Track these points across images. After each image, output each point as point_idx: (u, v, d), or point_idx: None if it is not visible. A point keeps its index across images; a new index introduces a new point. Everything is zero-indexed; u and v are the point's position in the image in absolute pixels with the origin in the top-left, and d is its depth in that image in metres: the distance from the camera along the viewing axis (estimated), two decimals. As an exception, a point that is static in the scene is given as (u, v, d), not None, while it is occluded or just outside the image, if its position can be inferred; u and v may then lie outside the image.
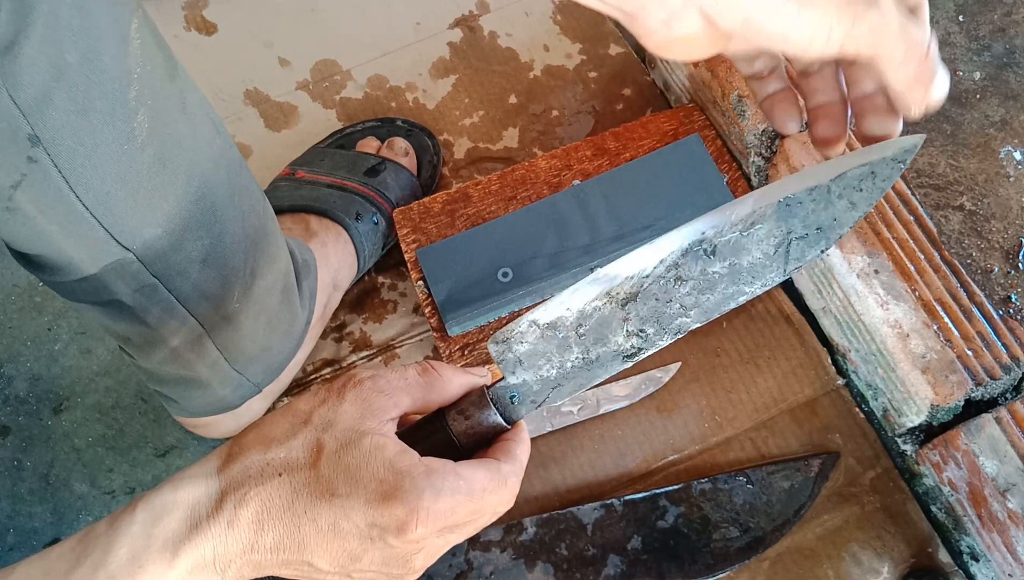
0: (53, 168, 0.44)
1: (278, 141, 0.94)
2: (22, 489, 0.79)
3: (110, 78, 0.45)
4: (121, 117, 0.46)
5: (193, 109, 0.53)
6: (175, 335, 0.60)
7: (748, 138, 0.78)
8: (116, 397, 0.83)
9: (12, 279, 0.89)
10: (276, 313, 0.68)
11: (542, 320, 0.42)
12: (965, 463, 0.66)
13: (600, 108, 0.95)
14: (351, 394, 0.41)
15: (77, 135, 0.44)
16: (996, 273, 0.80)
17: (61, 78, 0.42)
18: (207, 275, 0.57)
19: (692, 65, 0.85)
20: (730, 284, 0.42)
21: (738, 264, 0.42)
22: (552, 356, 0.42)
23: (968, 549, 0.69)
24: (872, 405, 0.76)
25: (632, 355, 0.43)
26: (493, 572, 0.68)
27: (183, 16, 1.02)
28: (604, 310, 0.41)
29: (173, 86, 0.50)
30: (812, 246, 0.43)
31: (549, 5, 1.02)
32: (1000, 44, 0.92)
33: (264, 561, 0.40)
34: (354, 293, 0.85)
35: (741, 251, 0.41)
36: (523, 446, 0.44)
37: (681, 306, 0.42)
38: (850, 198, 0.42)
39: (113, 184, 0.48)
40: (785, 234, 0.42)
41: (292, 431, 0.41)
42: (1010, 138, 0.87)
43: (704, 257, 0.41)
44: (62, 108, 0.43)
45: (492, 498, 0.41)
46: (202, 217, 0.55)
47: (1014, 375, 0.67)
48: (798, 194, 0.42)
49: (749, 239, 0.41)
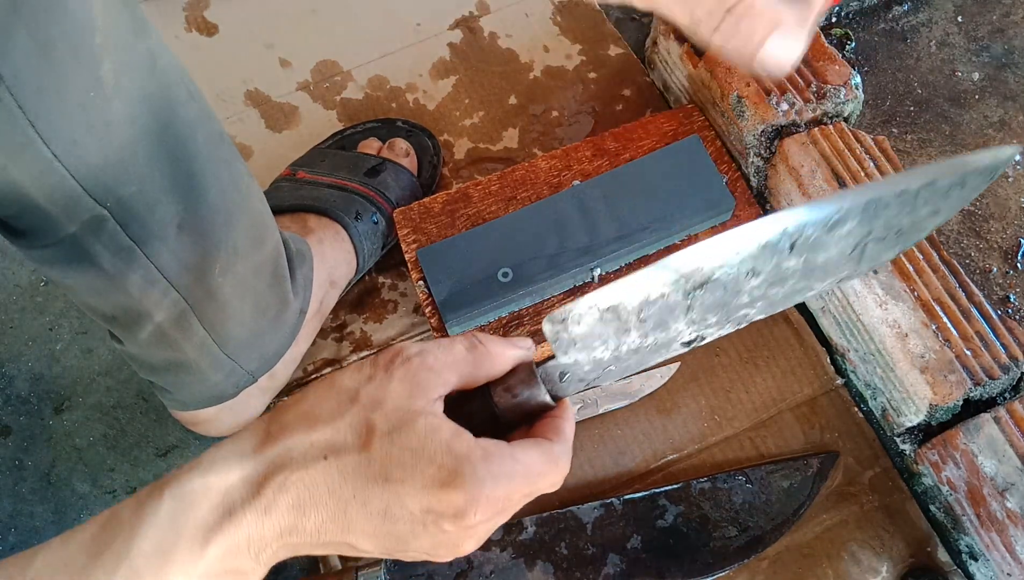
0: (17, 109, 0.43)
1: (279, 142, 0.94)
2: (23, 488, 0.79)
3: (71, 19, 0.44)
4: (86, 62, 0.45)
5: (166, 72, 0.52)
6: (158, 309, 0.60)
7: (747, 138, 0.79)
8: (117, 397, 0.84)
9: (14, 279, 0.89)
10: (264, 297, 0.68)
11: (603, 303, 0.40)
12: (964, 463, 0.66)
13: (600, 109, 0.95)
14: (400, 371, 0.39)
15: (40, 76, 0.43)
16: (995, 273, 0.80)
17: (18, 11, 0.41)
18: (184, 242, 0.57)
19: (691, 65, 0.85)
20: (801, 279, 0.41)
21: (813, 260, 0.40)
22: (608, 339, 0.41)
23: (967, 548, 0.69)
24: (871, 405, 0.76)
25: (690, 343, 0.42)
26: (493, 571, 0.69)
27: (184, 17, 1.02)
28: (669, 297, 0.39)
29: (142, 44, 0.50)
30: (888, 249, 0.42)
31: (549, 6, 1.02)
32: (999, 45, 0.92)
33: (302, 543, 0.38)
34: (355, 293, 0.85)
35: (819, 248, 0.40)
36: (570, 423, 0.43)
37: (749, 298, 0.41)
38: (935, 205, 0.41)
39: (82, 133, 0.47)
40: (865, 235, 0.41)
41: (338, 410, 0.38)
42: (1009, 138, 0.87)
43: (781, 252, 0.39)
44: (22, 45, 0.42)
45: (546, 481, 0.40)
46: (176, 180, 0.54)
47: (1012, 375, 0.67)
48: (885, 196, 0.40)
49: (830, 237, 0.40)
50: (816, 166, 0.75)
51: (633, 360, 0.43)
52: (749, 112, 0.78)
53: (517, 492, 0.39)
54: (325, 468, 0.37)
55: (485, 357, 0.42)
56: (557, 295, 0.76)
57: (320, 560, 0.73)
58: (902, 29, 0.94)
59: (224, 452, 0.38)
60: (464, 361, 0.41)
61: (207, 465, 0.37)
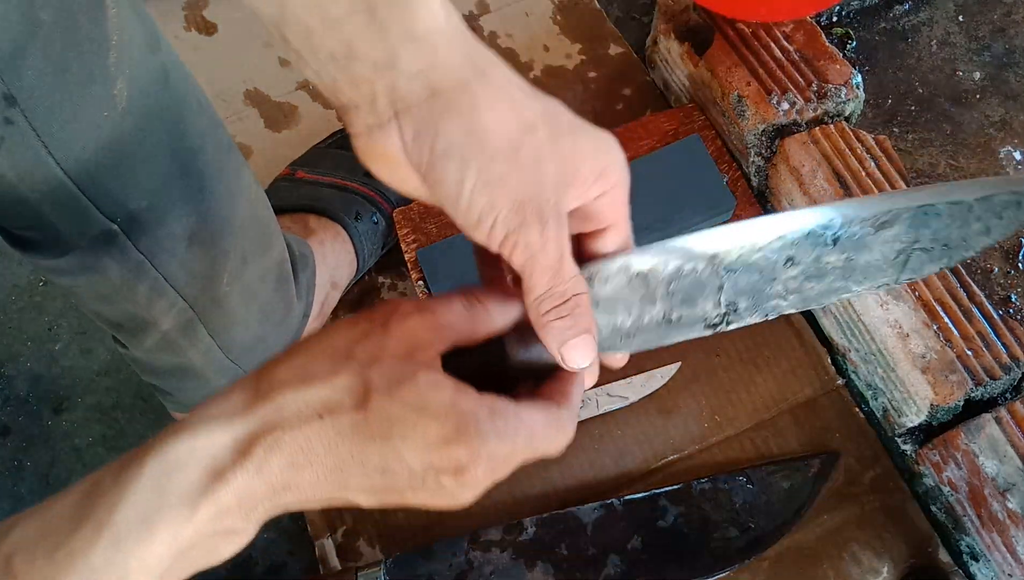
0: (30, 129, 0.43)
1: (278, 141, 0.94)
2: (22, 489, 0.79)
3: (87, 40, 0.44)
4: (100, 82, 0.45)
5: (177, 84, 0.52)
6: (165, 317, 0.60)
7: (748, 138, 0.78)
8: (116, 397, 0.83)
9: (12, 279, 0.89)
10: (270, 302, 0.68)
11: (635, 267, 0.39)
12: (965, 463, 0.66)
13: (600, 108, 0.95)
14: (397, 328, 0.37)
15: (54, 97, 0.44)
16: (996, 273, 0.80)
17: (35, 35, 0.41)
18: (194, 254, 0.57)
19: (692, 65, 0.85)
20: (839, 278, 0.40)
21: (854, 260, 0.39)
22: (633, 306, 0.40)
23: (968, 549, 0.69)
24: (872, 405, 0.76)
25: (715, 325, 0.41)
26: (493, 572, 0.68)
27: (183, 16, 1.02)
28: (702, 273, 0.38)
29: (154, 59, 0.50)
30: (933, 261, 0.40)
31: (549, 5, 1.02)
32: (1000, 44, 0.92)
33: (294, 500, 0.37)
34: (354, 293, 0.85)
35: (863, 248, 0.39)
36: (580, 387, 0.41)
37: (783, 288, 0.39)
38: (988, 222, 0.40)
39: (94, 151, 0.47)
40: (911, 242, 0.39)
41: (333, 368, 0.36)
42: (1010, 138, 0.87)
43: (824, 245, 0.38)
44: (37, 67, 0.42)
45: (549, 444, 0.39)
46: (187, 193, 0.54)
47: (1014, 375, 0.67)
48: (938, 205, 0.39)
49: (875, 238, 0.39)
50: (817, 166, 0.74)
51: (653, 334, 0.41)
52: (750, 111, 0.78)
53: (520, 452, 0.38)
54: (320, 427, 0.35)
55: (483, 316, 0.40)
56: (557, 295, 0.76)
57: (320, 560, 0.73)
58: (903, 28, 0.93)
59: (211, 411, 0.36)
60: (462, 318, 0.39)
61: (193, 428, 0.36)
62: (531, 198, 0.36)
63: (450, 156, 0.36)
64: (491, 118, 0.36)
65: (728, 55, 0.80)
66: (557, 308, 0.38)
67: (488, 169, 0.36)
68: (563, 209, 0.37)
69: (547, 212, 0.36)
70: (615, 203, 0.39)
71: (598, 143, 0.38)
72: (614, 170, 0.38)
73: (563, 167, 0.37)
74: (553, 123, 0.37)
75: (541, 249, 0.37)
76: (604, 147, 0.38)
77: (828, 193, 0.74)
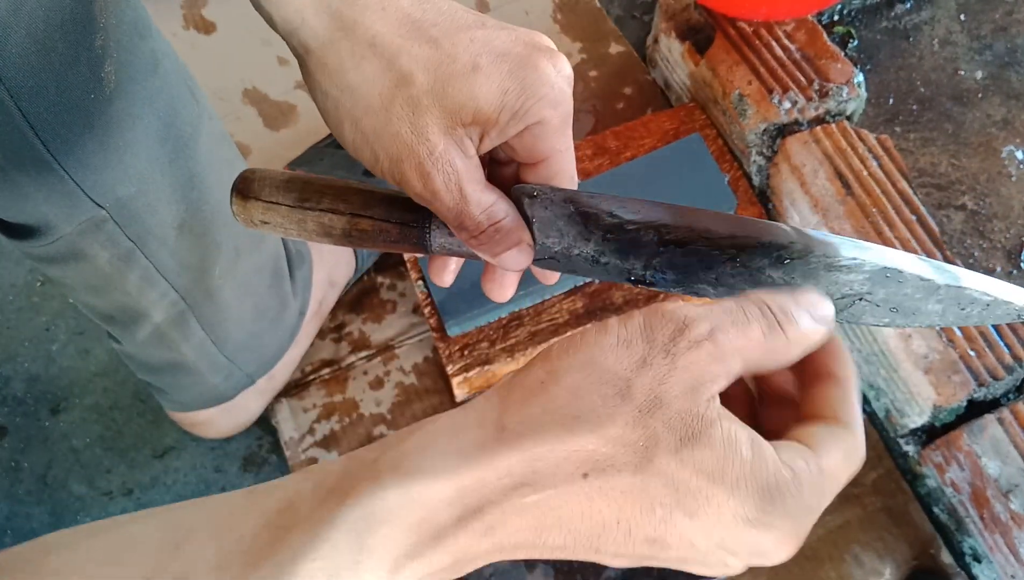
0: (16, 109, 0.43)
1: (277, 140, 0.94)
2: (20, 490, 0.78)
3: (72, 20, 0.43)
4: (86, 63, 0.45)
5: (168, 72, 0.52)
6: (157, 308, 0.59)
7: (749, 137, 0.78)
8: (114, 398, 0.83)
9: (10, 279, 0.89)
10: (264, 298, 0.68)
11: (582, 207, 0.38)
12: (968, 464, 0.66)
13: (600, 107, 0.94)
14: (684, 358, 0.29)
15: (39, 76, 0.43)
16: (998, 273, 0.80)
17: (18, 12, 0.41)
18: (185, 244, 0.56)
19: (693, 64, 0.85)
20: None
21: (793, 284, 0.38)
22: (566, 236, 0.39)
23: (970, 550, 0.68)
24: (874, 406, 0.75)
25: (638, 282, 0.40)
26: (493, 573, 0.68)
27: (182, 15, 1.02)
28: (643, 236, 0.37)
29: (144, 45, 0.50)
30: (875, 317, 0.40)
31: (549, 4, 1.02)
32: (1002, 43, 0.92)
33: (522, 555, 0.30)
34: (353, 293, 0.85)
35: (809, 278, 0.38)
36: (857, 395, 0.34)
37: (715, 278, 0.38)
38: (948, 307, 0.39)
39: (81, 133, 0.46)
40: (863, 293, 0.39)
41: (606, 411, 0.29)
42: (1012, 137, 0.86)
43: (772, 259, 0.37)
44: (21, 45, 0.42)
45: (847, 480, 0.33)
46: (177, 181, 0.54)
47: (1017, 376, 0.67)
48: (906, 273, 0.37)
49: (827, 277, 0.38)
50: (818, 165, 0.74)
51: (579, 267, 0.40)
52: (751, 110, 0.77)
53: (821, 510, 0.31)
54: (583, 488, 0.28)
55: (783, 347, 0.31)
56: (557, 294, 0.76)
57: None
58: (905, 27, 0.93)
59: (439, 447, 0.29)
60: (758, 348, 0.31)
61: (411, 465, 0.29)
62: (409, 152, 0.35)
63: (328, 112, 0.37)
64: (356, 77, 0.35)
65: (729, 54, 0.80)
66: (476, 238, 0.38)
67: (361, 125, 0.36)
68: (457, 153, 0.36)
69: (428, 164, 0.35)
70: (538, 139, 0.37)
71: (510, 83, 0.36)
72: (535, 109, 0.36)
73: (454, 113, 0.35)
74: (443, 69, 0.35)
75: (433, 198, 0.36)
76: (517, 88, 0.36)
77: (830, 192, 0.73)
